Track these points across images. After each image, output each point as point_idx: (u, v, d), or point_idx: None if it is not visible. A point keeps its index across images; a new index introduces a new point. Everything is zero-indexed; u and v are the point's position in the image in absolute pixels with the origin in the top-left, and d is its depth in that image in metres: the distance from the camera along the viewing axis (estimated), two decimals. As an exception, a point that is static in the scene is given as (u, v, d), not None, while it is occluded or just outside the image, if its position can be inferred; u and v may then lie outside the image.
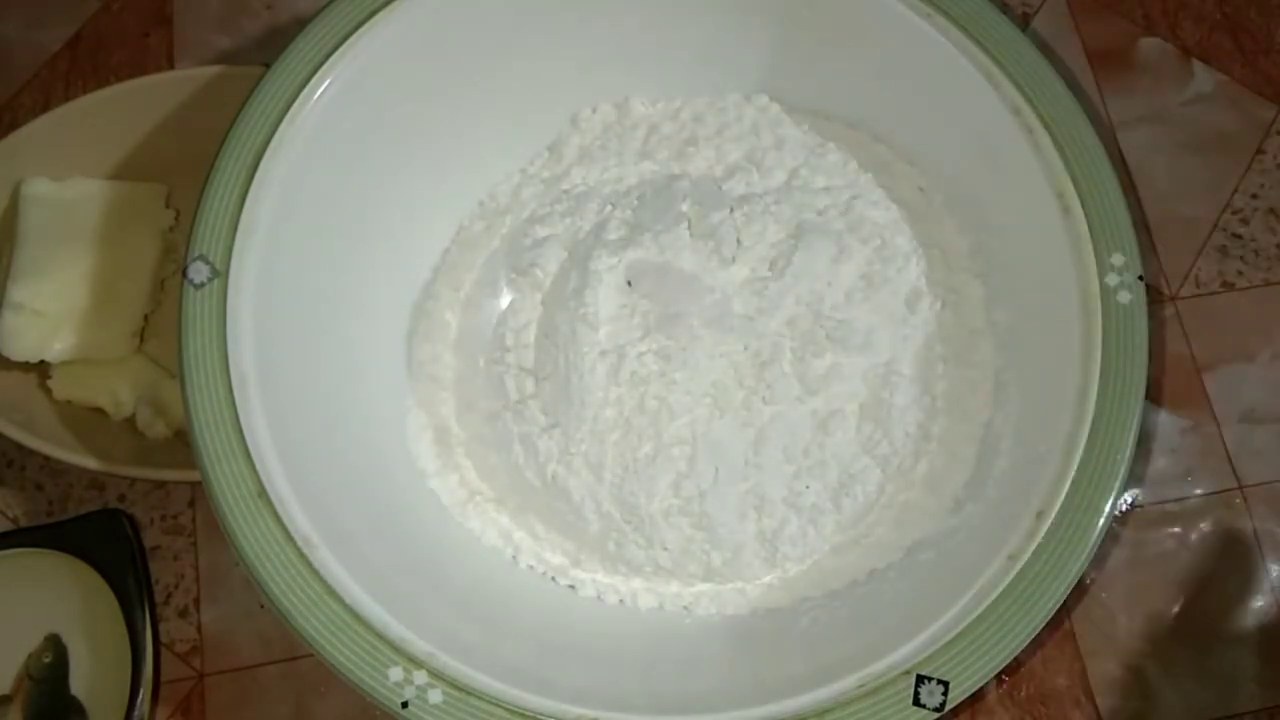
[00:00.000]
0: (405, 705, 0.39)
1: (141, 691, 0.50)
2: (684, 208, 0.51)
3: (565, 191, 0.54)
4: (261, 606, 0.55)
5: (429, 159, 0.52)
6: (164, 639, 0.54)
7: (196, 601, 0.55)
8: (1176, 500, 0.57)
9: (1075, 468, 0.42)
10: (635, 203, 0.52)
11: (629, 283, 0.49)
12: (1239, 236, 0.62)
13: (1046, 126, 0.46)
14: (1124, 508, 0.57)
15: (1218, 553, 0.56)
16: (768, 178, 0.53)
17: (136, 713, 0.50)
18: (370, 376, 0.50)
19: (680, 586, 0.49)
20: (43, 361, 0.54)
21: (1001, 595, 0.40)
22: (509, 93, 0.53)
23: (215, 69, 0.57)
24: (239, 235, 0.44)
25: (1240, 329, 0.60)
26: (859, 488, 0.48)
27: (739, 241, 0.50)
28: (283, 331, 0.45)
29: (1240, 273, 0.61)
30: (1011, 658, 0.40)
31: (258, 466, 0.41)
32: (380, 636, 0.40)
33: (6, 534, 0.55)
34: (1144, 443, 0.57)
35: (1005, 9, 0.48)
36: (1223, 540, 0.56)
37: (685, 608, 0.49)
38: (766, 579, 0.49)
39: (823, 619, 0.46)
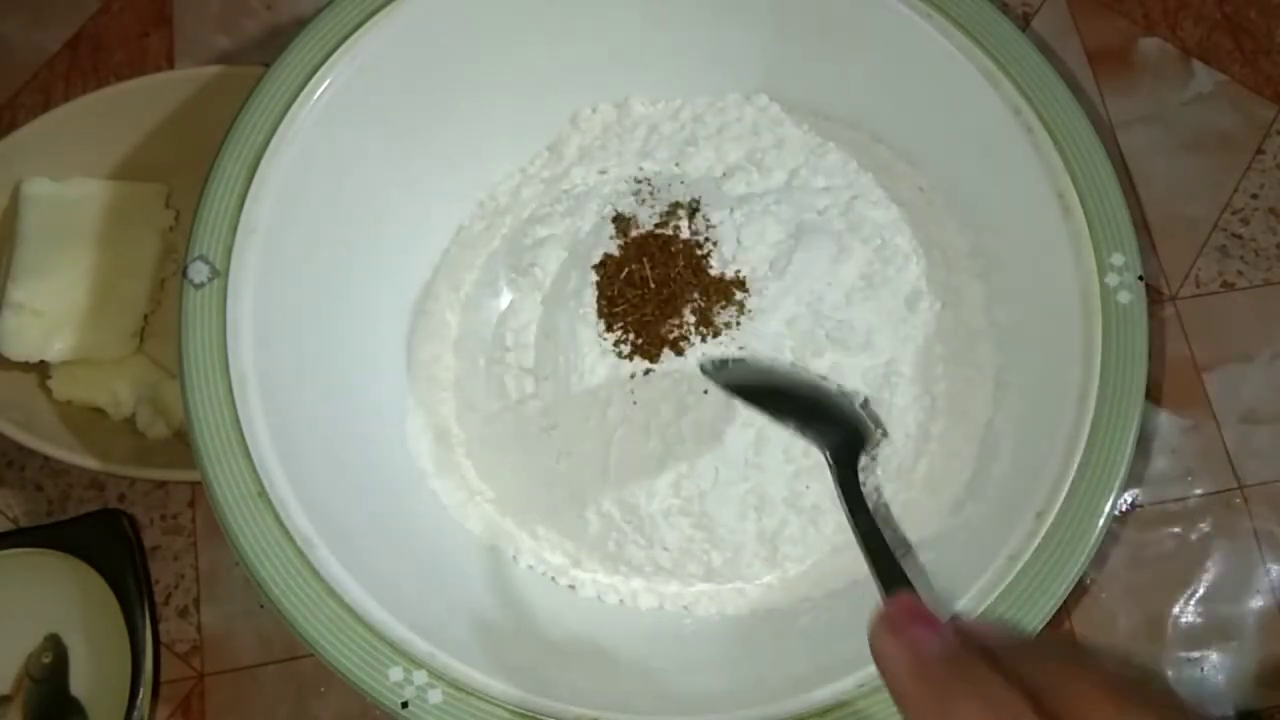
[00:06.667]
0: (405, 705, 0.39)
1: (141, 691, 0.50)
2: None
3: (565, 191, 0.54)
4: (261, 606, 0.55)
5: (429, 159, 0.52)
6: (164, 639, 0.54)
7: (196, 601, 0.55)
8: (1176, 500, 0.57)
9: (1075, 468, 0.42)
10: (635, 203, 0.52)
11: (629, 283, 0.49)
12: (1239, 236, 0.62)
13: (1046, 126, 0.46)
14: (1124, 508, 0.57)
15: (1218, 553, 0.56)
16: (768, 178, 0.53)
17: (136, 713, 0.50)
18: (370, 376, 0.50)
19: (680, 586, 0.49)
20: (43, 361, 0.54)
21: (1001, 595, 0.40)
22: (509, 93, 0.53)
23: (215, 69, 0.57)
24: (239, 235, 0.44)
25: (1240, 329, 0.60)
26: (859, 488, 0.48)
27: (739, 241, 0.50)
28: (283, 331, 0.45)
29: (1240, 273, 0.61)
30: (1011, 658, 0.40)
31: (258, 466, 0.41)
32: (380, 636, 0.40)
33: (6, 534, 0.55)
34: (1144, 443, 0.57)
35: (1005, 9, 0.48)
36: (1223, 540, 0.56)
37: (685, 608, 0.49)
38: (766, 579, 0.49)
39: (823, 619, 0.46)
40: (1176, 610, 0.55)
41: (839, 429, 0.44)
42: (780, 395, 0.45)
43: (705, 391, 0.47)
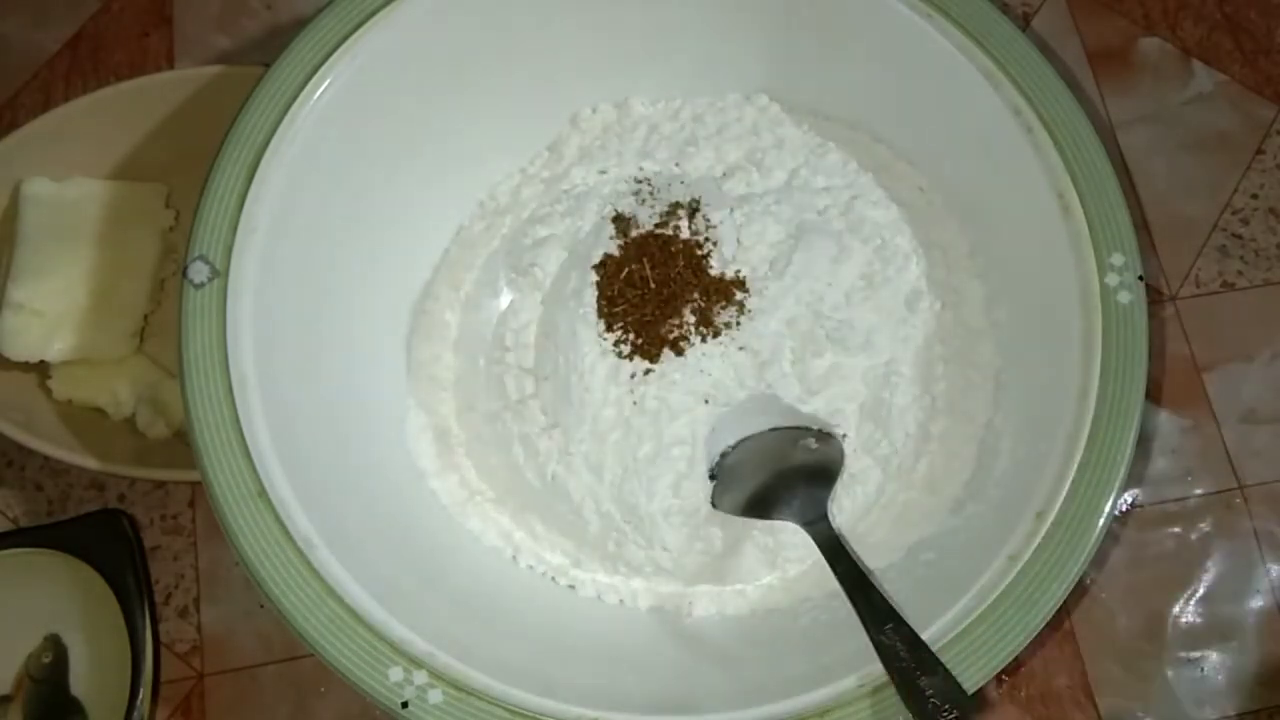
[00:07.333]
0: (405, 705, 0.39)
1: (141, 691, 0.50)
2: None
3: (565, 191, 0.54)
4: (261, 606, 0.55)
5: (429, 159, 0.52)
6: (164, 639, 0.54)
7: (196, 601, 0.55)
8: (1176, 500, 0.57)
9: (1075, 468, 0.42)
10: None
11: (629, 283, 0.49)
12: (1239, 236, 0.62)
13: (1046, 126, 0.46)
14: (1124, 508, 0.57)
15: (1218, 553, 0.56)
16: (768, 178, 0.53)
17: (136, 713, 0.50)
18: (370, 376, 0.50)
19: (680, 586, 0.49)
20: (43, 361, 0.54)
21: (1001, 595, 0.40)
22: (509, 93, 0.53)
23: (215, 69, 0.57)
24: (239, 235, 0.44)
25: (1240, 329, 0.60)
26: (859, 488, 0.48)
27: (739, 241, 0.50)
28: (283, 332, 0.45)
29: (1240, 273, 0.61)
30: (1012, 658, 0.40)
31: (258, 466, 0.41)
32: (380, 636, 0.40)
33: (6, 534, 0.55)
34: (1144, 443, 0.57)
35: (1005, 9, 0.48)
36: (1223, 540, 0.56)
37: (685, 608, 0.49)
38: (766, 579, 0.49)
39: (823, 619, 0.46)
40: (1176, 610, 0.55)
41: (808, 488, 0.46)
42: (772, 484, 0.46)
43: (706, 401, 0.48)
